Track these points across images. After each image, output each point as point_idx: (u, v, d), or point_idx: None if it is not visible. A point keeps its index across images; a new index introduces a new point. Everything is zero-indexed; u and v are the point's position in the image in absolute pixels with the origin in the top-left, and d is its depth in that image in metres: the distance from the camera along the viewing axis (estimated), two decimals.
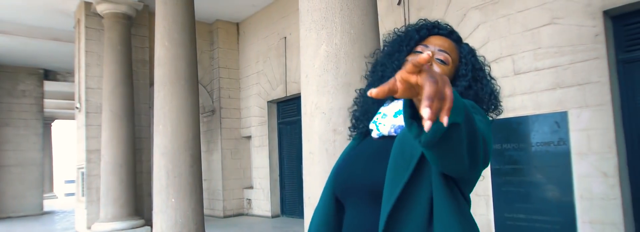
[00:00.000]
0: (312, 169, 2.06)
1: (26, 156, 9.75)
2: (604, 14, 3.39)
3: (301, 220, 6.30)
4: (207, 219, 6.43)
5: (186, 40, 4.48)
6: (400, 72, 0.58)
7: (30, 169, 9.77)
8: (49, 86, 10.66)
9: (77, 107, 6.86)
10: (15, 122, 9.67)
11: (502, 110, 1.08)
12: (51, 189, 15.27)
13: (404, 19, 4.86)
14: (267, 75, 7.44)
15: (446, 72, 1.03)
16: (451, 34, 1.09)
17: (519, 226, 3.81)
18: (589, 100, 3.43)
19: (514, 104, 3.84)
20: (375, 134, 1.03)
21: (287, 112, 7.39)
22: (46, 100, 11.01)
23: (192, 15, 4.67)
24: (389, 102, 1.05)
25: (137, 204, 6.38)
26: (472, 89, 1.03)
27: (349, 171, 1.02)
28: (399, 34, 1.11)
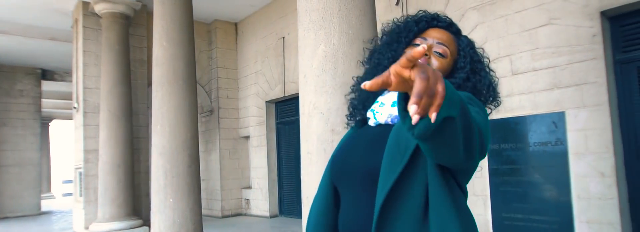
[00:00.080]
0: (310, 169, 2.06)
1: (24, 156, 9.73)
2: (602, 14, 3.41)
3: (299, 220, 6.30)
4: (205, 219, 6.43)
5: (184, 40, 4.47)
6: (394, 65, 0.58)
7: (27, 169, 9.75)
8: (47, 86, 10.64)
9: (74, 107, 6.85)
10: (12, 122, 9.65)
11: (500, 101, 1.09)
12: (49, 189, 15.23)
13: None
14: (266, 75, 7.44)
15: (444, 65, 1.03)
16: (450, 26, 1.09)
17: (516, 226, 3.82)
18: (586, 100, 3.44)
19: (512, 104, 3.85)
20: (372, 122, 1.04)
21: (285, 112, 7.39)
22: (44, 100, 10.98)
23: (190, 15, 4.66)
24: (388, 91, 1.04)
25: (135, 204, 6.37)
26: (470, 81, 1.04)
27: (346, 157, 1.02)
28: (398, 24, 1.11)
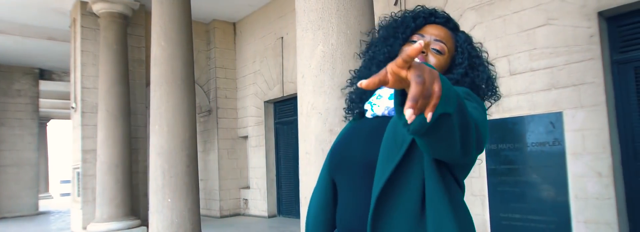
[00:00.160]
0: (308, 169, 2.06)
1: (21, 156, 9.71)
2: (599, 15, 3.42)
3: (298, 220, 6.30)
4: (203, 219, 6.43)
5: (183, 39, 4.46)
6: (390, 64, 0.59)
7: (25, 169, 9.72)
8: (45, 86, 10.61)
9: (72, 107, 6.84)
10: (10, 121, 9.63)
11: (500, 95, 1.09)
12: (47, 189, 15.21)
13: None
14: (264, 75, 7.43)
15: (442, 62, 1.03)
16: (448, 22, 1.08)
17: (514, 226, 3.83)
18: (583, 100, 3.45)
19: (510, 104, 3.86)
20: (369, 115, 1.04)
21: (283, 112, 7.39)
22: (42, 99, 10.96)
23: (188, 14, 4.66)
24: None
25: (133, 204, 6.36)
26: (468, 76, 1.04)
27: (345, 150, 1.02)
28: (396, 19, 1.10)
